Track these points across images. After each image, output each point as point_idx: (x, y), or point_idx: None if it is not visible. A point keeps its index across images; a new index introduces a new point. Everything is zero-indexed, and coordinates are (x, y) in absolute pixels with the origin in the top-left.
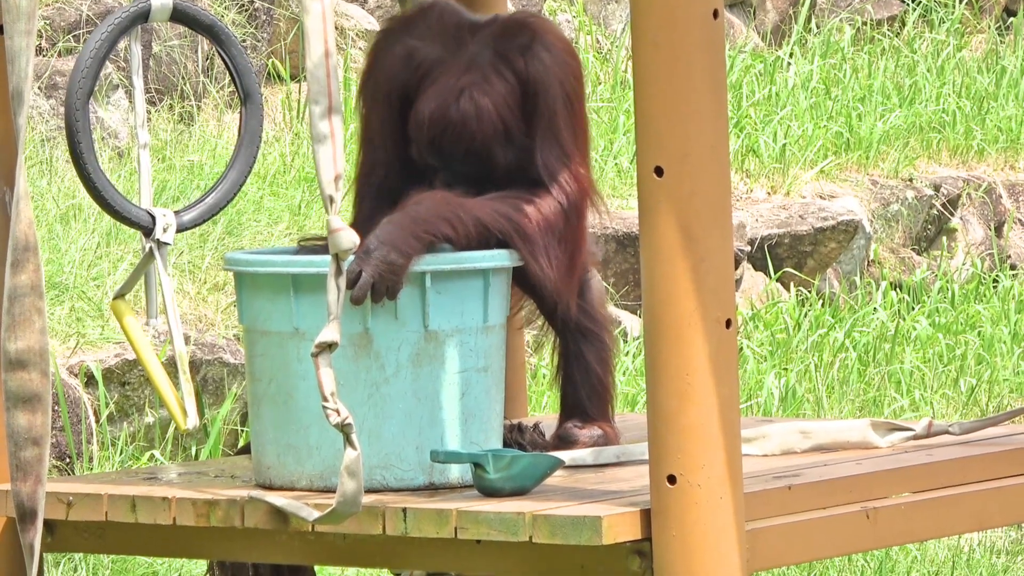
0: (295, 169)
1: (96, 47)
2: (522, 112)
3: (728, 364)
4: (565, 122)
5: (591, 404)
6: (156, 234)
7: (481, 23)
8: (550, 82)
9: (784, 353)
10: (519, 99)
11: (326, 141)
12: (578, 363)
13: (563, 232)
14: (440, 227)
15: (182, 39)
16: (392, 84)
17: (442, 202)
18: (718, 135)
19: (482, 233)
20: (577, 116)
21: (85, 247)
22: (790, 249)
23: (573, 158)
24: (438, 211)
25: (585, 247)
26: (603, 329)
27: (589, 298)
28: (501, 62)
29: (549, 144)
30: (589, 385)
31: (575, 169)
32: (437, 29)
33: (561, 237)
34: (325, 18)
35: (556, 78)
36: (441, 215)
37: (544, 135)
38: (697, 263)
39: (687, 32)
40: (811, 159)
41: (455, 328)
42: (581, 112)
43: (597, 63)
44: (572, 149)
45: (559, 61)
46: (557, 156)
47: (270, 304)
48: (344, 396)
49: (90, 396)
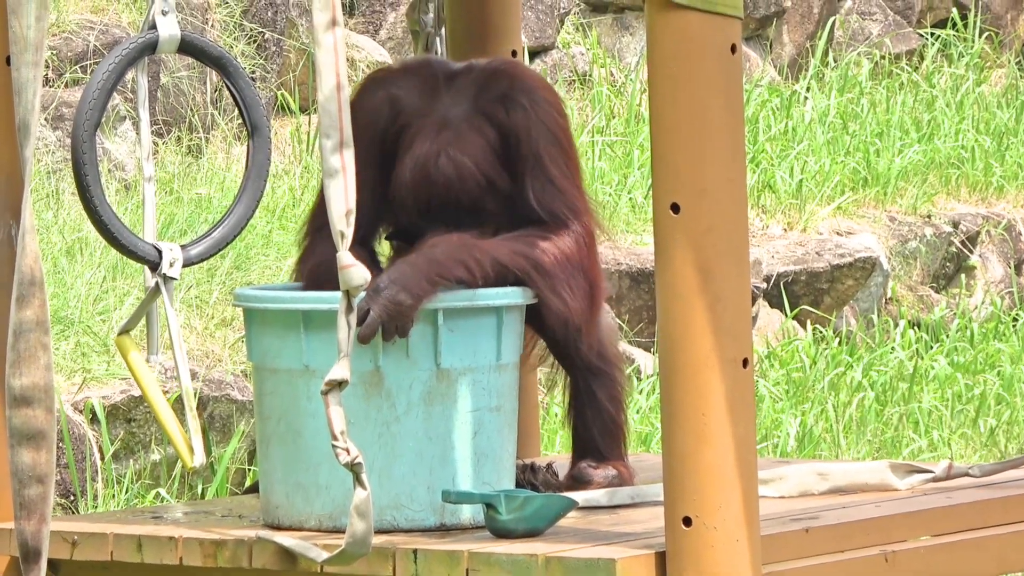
0: (304, 203)
1: (103, 78)
2: (505, 160)
3: (745, 404)
4: (553, 161)
5: (604, 443)
6: (162, 268)
7: (458, 72)
8: (532, 126)
9: (801, 392)
10: (500, 148)
11: (337, 176)
12: (590, 402)
13: (581, 265)
14: (454, 270)
15: (190, 70)
16: (371, 131)
17: (458, 245)
18: (735, 171)
19: (500, 272)
20: (567, 152)
21: (91, 281)
22: (807, 286)
23: (568, 193)
24: (454, 254)
25: (602, 280)
26: (614, 367)
27: (600, 336)
28: (478, 115)
29: (542, 184)
30: (601, 424)
31: (575, 204)
32: (419, 80)
33: (579, 270)
34: (337, 51)
35: (539, 121)
36: (456, 258)
37: (535, 177)
38: (714, 301)
39: (704, 66)
40: (828, 195)
41: (468, 366)
42: (570, 147)
43: (611, 96)
44: (566, 184)
45: (539, 104)
46: (553, 195)
47: (280, 341)
48: (354, 435)
49: (95, 433)
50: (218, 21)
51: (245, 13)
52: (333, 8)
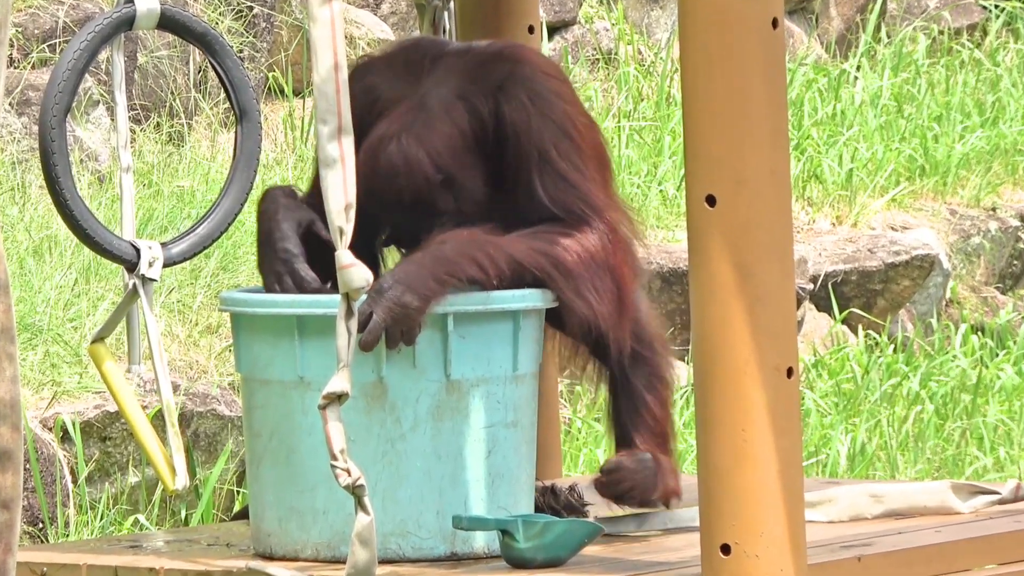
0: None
1: (74, 58)
2: (486, 154)
3: (789, 418)
4: (564, 155)
5: (639, 434)
6: (141, 269)
7: (449, 53)
8: (533, 120)
9: (852, 405)
10: (477, 142)
11: (335, 165)
12: (624, 391)
13: (606, 264)
14: (466, 269)
15: (171, 49)
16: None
17: (470, 241)
18: (777, 159)
19: (517, 271)
20: (579, 146)
21: (61, 284)
22: (858, 287)
23: (583, 188)
24: (465, 251)
25: (632, 280)
26: (651, 349)
27: (636, 316)
28: (460, 101)
29: (553, 181)
30: (635, 413)
31: (593, 199)
32: (401, 65)
33: (605, 269)
34: (334, 26)
35: (540, 114)
36: (468, 255)
37: (544, 173)
38: (754, 303)
39: (743, 43)
40: (881, 186)
41: (481, 377)
42: (584, 140)
43: (639, 76)
44: (579, 179)
45: (541, 95)
46: (567, 191)
47: (271, 349)
48: (355, 454)
49: (66, 453)
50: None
51: None
52: None
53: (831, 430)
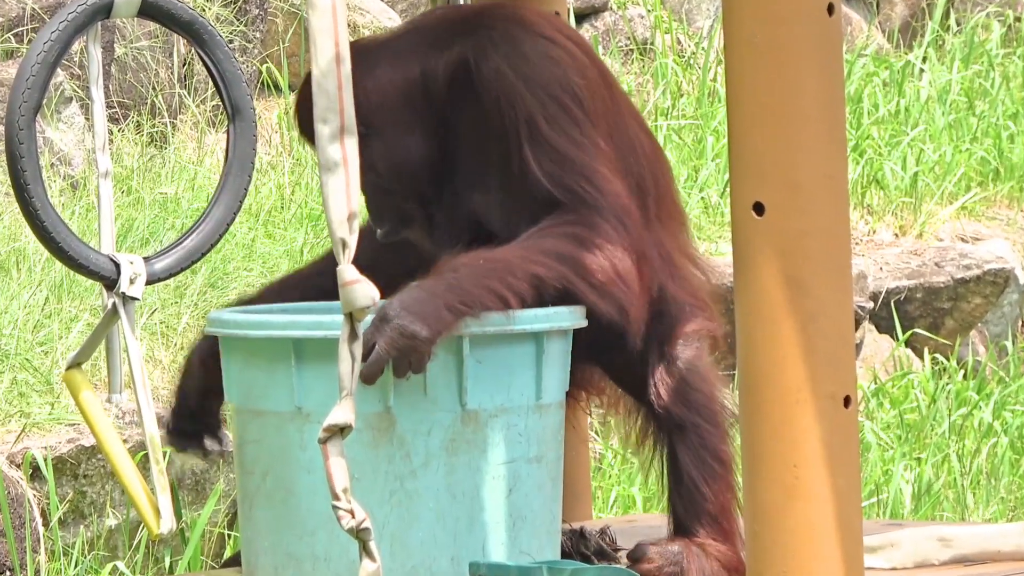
0: (296, 204)
1: (45, 50)
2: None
3: (846, 452)
4: (554, 123)
5: (686, 515)
6: (121, 287)
7: (434, 17)
8: (515, 88)
9: (916, 438)
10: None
11: (337, 170)
12: (672, 466)
13: (622, 243)
14: (483, 299)
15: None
16: None
17: (487, 269)
18: (833, 162)
19: (538, 289)
20: (572, 114)
21: (30, 304)
22: (923, 306)
23: (581, 161)
24: (483, 281)
25: (645, 258)
26: (701, 416)
27: (684, 372)
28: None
29: (546, 154)
30: (682, 493)
31: (594, 174)
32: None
33: (623, 249)
34: (335, 14)
35: (524, 79)
36: (485, 285)
37: (535, 145)
38: (807, 323)
39: (795, 31)
40: (950, 192)
41: (500, 407)
42: (581, 107)
43: (679, 69)
44: (576, 152)
45: (524, 57)
46: (562, 165)
47: (266, 376)
48: (360, 493)
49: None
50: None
51: None
52: None
53: (893, 465)
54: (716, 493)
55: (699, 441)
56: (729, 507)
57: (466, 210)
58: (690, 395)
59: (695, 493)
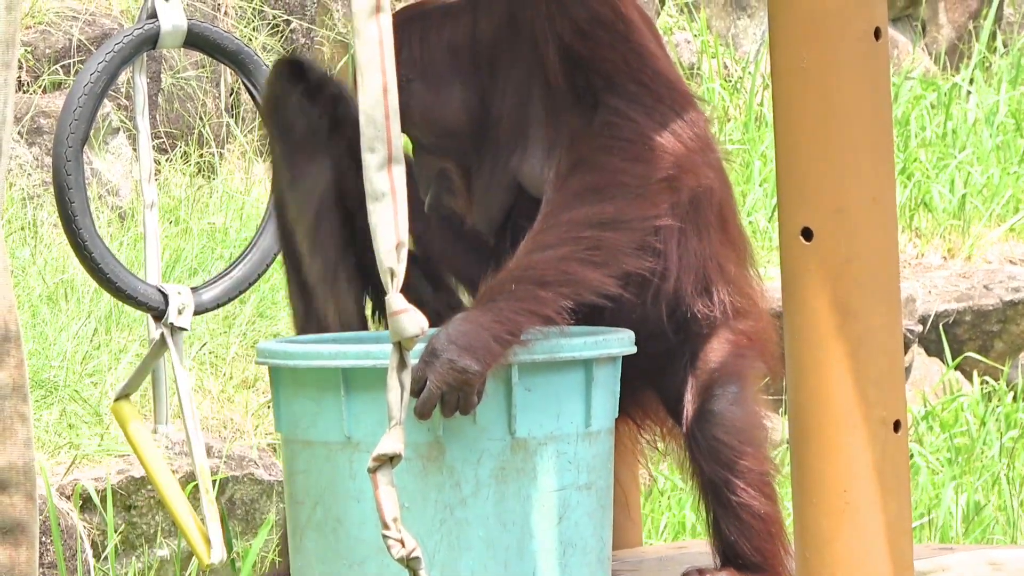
0: None
1: (91, 81)
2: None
3: (897, 476)
4: (594, 37)
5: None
6: (169, 317)
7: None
8: (547, 16)
9: (967, 461)
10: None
11: (385, 199)
12: (712, 522)
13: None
14: (526, 324)
15: (199, 69)
16: None
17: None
18: (881, 185)
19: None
20: (621, 28)
21: (79, 335)
22: (973, 329)
23: (635, 62)
24: (522, 303)
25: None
26: (732, 472)
27: (714, 427)
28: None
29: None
30: (723, 542)
31: (650, 71)
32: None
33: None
34: (383, 44)
35: (555, 7)
36: (526, 308)
37: (562, 59)
38: (856, 347)
39: (842, 55)
40: (998, 214)
41: (549, 434)
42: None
43: (725, 94)
44: (626, 53)
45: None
46: (614, 61)
47: (315, 406)
48: (410, 522)
49: (87, 524)
50: (233, 7)
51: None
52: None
53: (943, 489)
54: (756, 547)
55: (732, 499)
56: (771, 554)
57: (508, 176)
58: (720, 450)
59: (735, 546)
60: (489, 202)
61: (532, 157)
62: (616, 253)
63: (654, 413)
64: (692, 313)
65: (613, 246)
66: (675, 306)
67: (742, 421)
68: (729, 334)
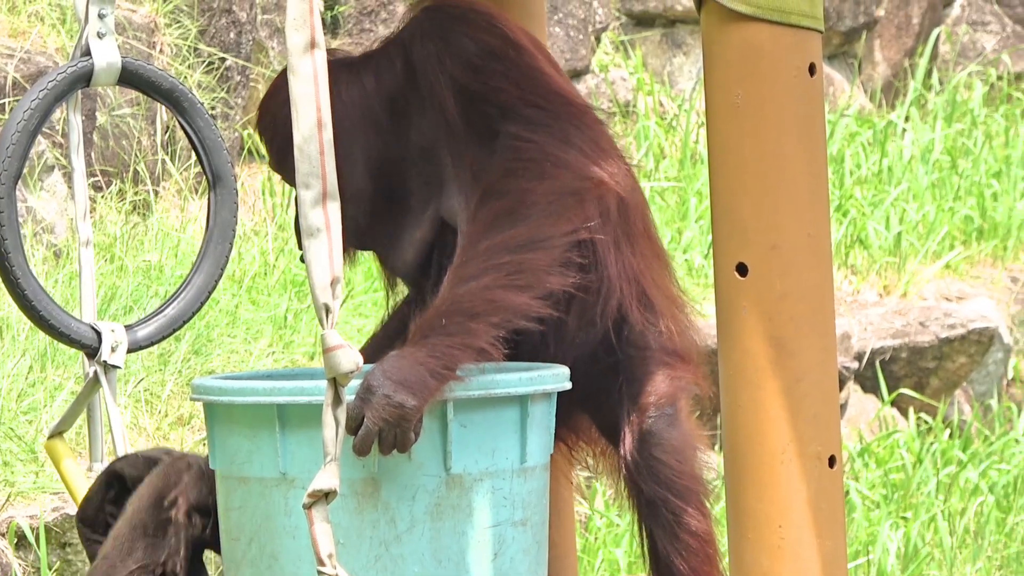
0: (279, 270)
1: (24, 118)
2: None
3: (832, 513)
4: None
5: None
6: (103, 355)
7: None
8: (435, 58)
9: (902, 498)
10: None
11: (320, 235)
12: (648, 540)
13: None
14: (462, 358)
15: (135, 107)
16: None
17: (457, 324)
18: (817, 222)
19: (508, 312)
20: (511, 56)
21: (13, 372)
22: (908, 365)
23: (543, 86)
24: (458, 339)
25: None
26: (671, 491)
27: (652, 447)
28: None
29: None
30: (660, 568)
31: (552, 91)
32: None
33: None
34: (317, 80)
35: (442, 47)
36: (460, 342)
37: (457, 99)
38: (792, 384)
39: (776, 92)
40: (933, 251)
41: (485, 471)
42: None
43: (661, 131)
44: (525, 87)
45: (444, 38)
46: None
47: (250, 443)
48: (345, 559)
49: (21, 561)
50: (168, 45)
51: (202, 35)
52: (312, 27)
53: (879, 526)
54: (694, 568)
55: (671, 517)
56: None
57: (429, 216)
58: (659, 470)
59: (672, 568)
60: (407, 251)
61: (450, 199)
62: (539, 273)
63: (587, 436)
64: (637, 329)
65: (534, 267)
66: (621, 323)
67: (679, 441)
68: (664, 355)
